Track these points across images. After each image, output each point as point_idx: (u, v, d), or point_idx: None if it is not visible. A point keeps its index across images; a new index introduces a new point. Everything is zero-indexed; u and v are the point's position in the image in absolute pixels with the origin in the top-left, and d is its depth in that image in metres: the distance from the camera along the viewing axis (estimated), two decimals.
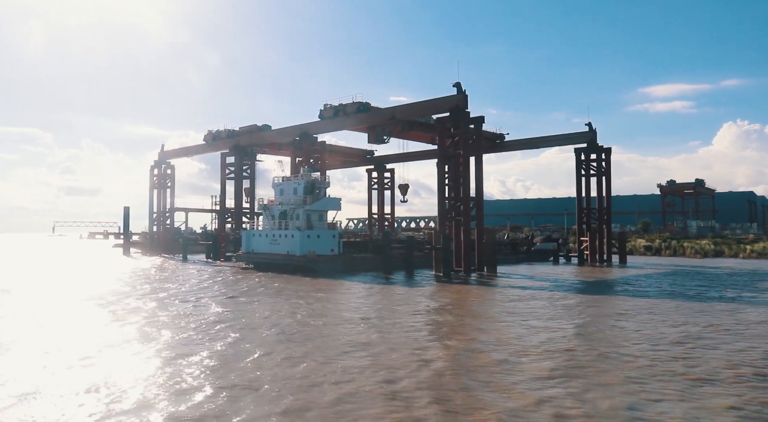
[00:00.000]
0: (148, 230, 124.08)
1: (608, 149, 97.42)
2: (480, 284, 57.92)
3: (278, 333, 29.38)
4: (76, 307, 39.63)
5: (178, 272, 71.51)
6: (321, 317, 35.40)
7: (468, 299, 45.75)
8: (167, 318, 34.31)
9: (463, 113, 72.48)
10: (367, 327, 31.33)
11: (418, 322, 33.22)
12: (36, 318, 34.57)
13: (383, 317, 35.19)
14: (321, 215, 76.88)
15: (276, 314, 36.22)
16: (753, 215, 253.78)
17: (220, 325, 31.71)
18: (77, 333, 29.91)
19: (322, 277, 63.84)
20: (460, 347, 26.29)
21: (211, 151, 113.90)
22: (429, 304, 42.12)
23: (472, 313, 38.06)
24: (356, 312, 37.20)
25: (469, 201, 71.99)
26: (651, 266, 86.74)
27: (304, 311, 37.77)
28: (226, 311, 37.12)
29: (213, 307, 39.28)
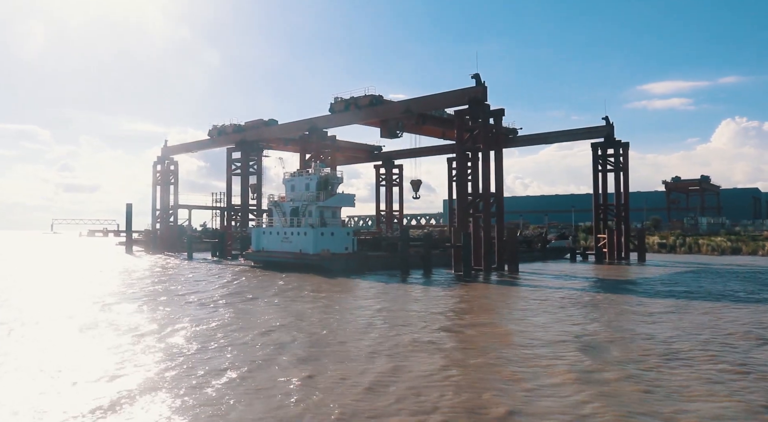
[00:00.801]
0: (151, 227, 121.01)
1: (626, 144, 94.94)
2: (508, 285, 55.14)
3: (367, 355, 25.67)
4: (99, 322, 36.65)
5: (194, 273, 68.63)
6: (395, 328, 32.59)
7: (511, 305, 42.86)
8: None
9: (482, 105, 69.75)
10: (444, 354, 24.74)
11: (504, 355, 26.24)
12: (42, 332, 31.75)
13: (451, 333, 31.65)
14: (334, 211, 74.07)
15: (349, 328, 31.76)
16: (758, 211, 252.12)
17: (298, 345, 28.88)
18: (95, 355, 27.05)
19: (337, 276, 61.07)
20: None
21: (216, 146, 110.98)
22: (478, 316, 39.05)
23: (525, 328, 35.22)
24: (420, 330, 29.73)
25: (489, 197, 69.21)
26: (673, 264, 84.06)
27: (381, 319, 34.68)
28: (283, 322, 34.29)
29: (271, 320, 36.35)
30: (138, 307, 37.56)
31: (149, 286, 51.59)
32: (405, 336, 27.80)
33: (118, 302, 40.34)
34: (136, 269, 72.72)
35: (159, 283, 54.54)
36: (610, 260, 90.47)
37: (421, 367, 21.50)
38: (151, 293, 45.50)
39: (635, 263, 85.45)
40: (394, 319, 32.92)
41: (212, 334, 28.09)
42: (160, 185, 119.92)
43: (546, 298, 43.40)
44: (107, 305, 38.45)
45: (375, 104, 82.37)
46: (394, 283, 55.75)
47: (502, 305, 40.63)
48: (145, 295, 44.32)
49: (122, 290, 47.79)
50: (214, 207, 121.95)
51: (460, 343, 26.66)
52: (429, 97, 76.87)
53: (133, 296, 43.43)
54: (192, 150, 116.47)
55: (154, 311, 35.99)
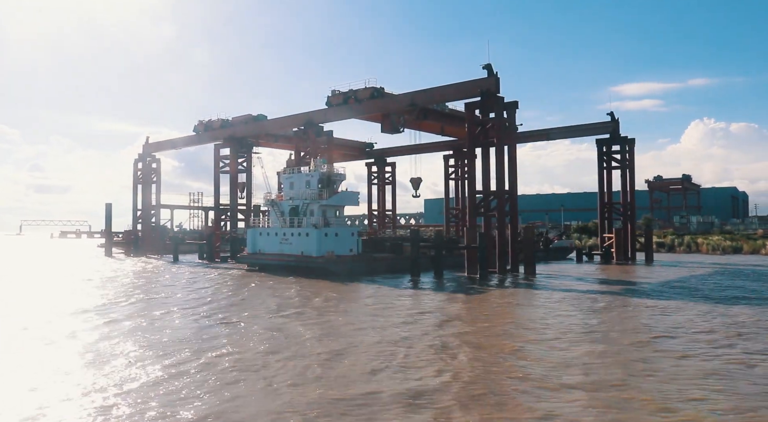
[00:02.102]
0: (132, 228, 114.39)
1: (632, 140, 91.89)
2: (534, 289, 51.06)
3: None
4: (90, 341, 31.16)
5: (191, 278, 63.16)
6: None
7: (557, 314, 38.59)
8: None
9: (495, 97, 65.70)
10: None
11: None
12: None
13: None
14: (338, 210, 69.28)
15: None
16: (736, 210, 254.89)
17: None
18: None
19: (344, 281, 56.38)
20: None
21: (202, 143, 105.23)
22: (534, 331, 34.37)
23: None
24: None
25: (504, 195, 65.17)
26: (686, 264, 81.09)
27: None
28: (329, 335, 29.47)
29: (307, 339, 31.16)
30: (113, 327, 31.09)
31: (135, 294, 46.23)
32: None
33: (96, 315, 35.10)
34: (119, 274, 66.97)
35: (148, 290, 49.16)
36: (617, 260, 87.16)
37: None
38: (139, 306, 40.18)
39: (645, 264, 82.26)
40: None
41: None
42: (142, 183, 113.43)
43: (603, 311, 39.24)
44: (85, 319, 33.23)
45: (376, 97, 77.81)
46: (413, 289, 51.30)
47: (575, 321, 36.07)
48: (131, 310, 38.80)
49: (105, 301, 42.38)
50: (200, 207, 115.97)
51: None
52: (436, 89, 72.51)
53: (116, 310, 38.09)
54: (176, 147, 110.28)
55: (132, 334, 29.56)
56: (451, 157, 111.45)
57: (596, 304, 39.94)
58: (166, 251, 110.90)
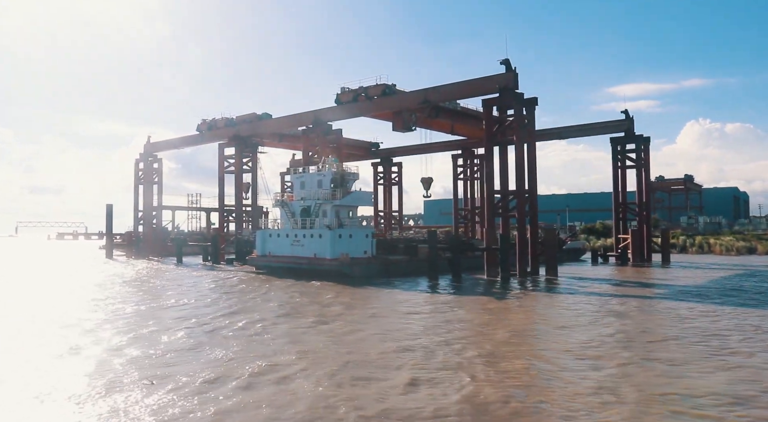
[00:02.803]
0: (133, 229, 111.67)
1: (647, 139, 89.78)
2: (565, 293, 48.74)
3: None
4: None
5: (203, 283, 60.66)
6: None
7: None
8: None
9: (514, 93, 63.43)
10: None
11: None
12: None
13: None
14: (351, 211, 66.87)
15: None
16: (737, 210, 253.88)
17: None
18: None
19: (360, 284, 54.03)
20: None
21: (205, 142, 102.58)
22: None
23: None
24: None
25: (524, 195, 62.90)
26: (704, 266, 78.99)
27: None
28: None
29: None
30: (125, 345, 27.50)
31: (154, 302, 43.77)
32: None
33: (119, 328, 32.60)
34: (125, 278, 64.44)
35: (165, 297, 46.69)
36: (633, 261, 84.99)
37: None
38: (151, 319, 37.65)
39: (662, 266, 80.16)
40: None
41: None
42: (143, 184, 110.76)
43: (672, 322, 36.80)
44: (112, 333, 30.75)
45: (388, 94, 75.48)
46: (435, 293, 48.98)
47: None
48: (158, 324, 36.27)
49: (123, 311, 39.89)
50: (204, 208, 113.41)
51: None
52: (450, 86, 70.19)
53: (139, 323, 35.60)
54: (179, 146, 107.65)
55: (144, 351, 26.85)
56: (460, 156, 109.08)
57: (646, 315, 37.56)
58: (168, 253, 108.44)
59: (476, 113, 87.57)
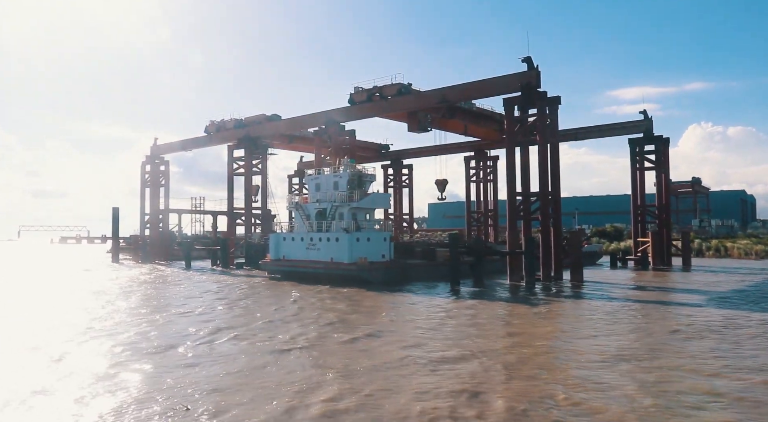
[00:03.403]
0: (139, 233, 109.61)
1: (666, 140, 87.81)
2: (598, 300, 46.58)
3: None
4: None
5: (218, 289, 58.56)
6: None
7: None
8: None
9: (536, 92, 61.45)
10: None
11: None
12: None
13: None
14: (369, 213, 64.80)
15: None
16: (745, 213, 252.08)
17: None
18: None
19: (379, 290, 51.94)
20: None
21: (214, 144, 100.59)
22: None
23: None
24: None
25: (548, 196, 60.83)
26: (727, 270, 76.85)
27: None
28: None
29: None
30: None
31: (171, 309, 41.70)
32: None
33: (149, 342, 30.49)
34: (137, 282, 62.35)
35: (187, 304, 44.62)
36: (654, 265, 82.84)
37: None
38: (170, 334, 35.47)
39: (684, 270, 78.08)
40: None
41: None
42: (150, 187, 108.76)
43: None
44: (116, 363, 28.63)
45: (404, 94, 73.50)
46: (460, 299, 46.86)
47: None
48: (179, 337, 34.08)
49: (144, 321, 37.80)
50: (214, 212, 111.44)
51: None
52: (470, 84, 68.11)
53: (165, 337, 33.36)
54: (186, 149, 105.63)
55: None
56: (473, 158, 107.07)
57: (705, 325, 35.41)
58: (174, 257, 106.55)
59: (492, 114, 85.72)
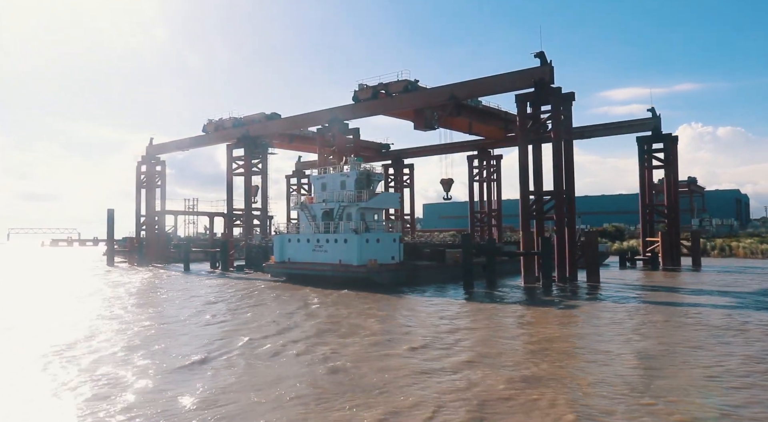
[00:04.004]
0: (135, 235, 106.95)
1: (675, 138, 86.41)
2: (621, 302, 44.73)
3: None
4: None
5: (227, 293, 56.28)
6: None
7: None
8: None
9: (550, 88, 59.63)
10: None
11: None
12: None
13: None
14: (377, 214, 62.72)
15: None
16: (740, 213, 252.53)
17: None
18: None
19: (390, 292, 49.95)
20: None
21: (212, 143, 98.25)
22: None
23: None
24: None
25: (562, 195, 59.00)
26: (741, 270, 75.39)
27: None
28: None
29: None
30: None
31: (184, 314, 39.45)
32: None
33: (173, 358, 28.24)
34: (141, 287, 59.98)
35: (204, 312, 42.34)
36: (664, 265, 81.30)
37: None
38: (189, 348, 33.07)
39: (694, 270, 76.60)
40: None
41: None
42: (146, 187, 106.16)
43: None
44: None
45: (411, 90, 71.54)
46: (477, 302, 44.90)
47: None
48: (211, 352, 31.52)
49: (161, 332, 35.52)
50: (214, 213, 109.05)
51: None
52: (480, 80, 66.16)
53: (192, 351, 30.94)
54: (183, 148, 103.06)
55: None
56: (476, 157, 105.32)
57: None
58: (171, 260, 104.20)
59: (498, 111, 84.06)
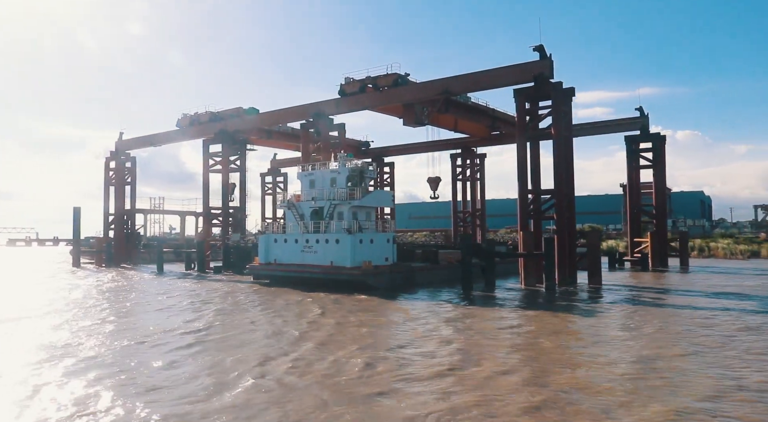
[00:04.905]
0: (103, 234, 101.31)
1: (663, 137, 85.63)
2: (655, 307, 42.61)
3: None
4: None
5: (213, 298, 52.26)
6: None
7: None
8: None
9: (550, 82, 57.41)
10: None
11: None
12: None
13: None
14: (369, 213, 59.54)
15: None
16: (704, 214, 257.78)
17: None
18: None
19: (385, 296, 46.95)
20: None
21: (187, 138, 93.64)
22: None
23: None
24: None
25: (563, 194, 56.82)
26: (730, 271, 74.68)
27: None
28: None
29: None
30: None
31: (183, 327, 35.61)
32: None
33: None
34: (110, 294, 55.51)
35: (201, 319, 38.46)
36: (653, 266, 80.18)
37: None
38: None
39: (683, 271, 75.67)
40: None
41: None
42: (114, 185, 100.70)
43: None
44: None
45: (400, 84, 68.64)
46: (482, 307, 42.21)
47: None
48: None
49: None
50: (189, 212, 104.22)
51: None
52: (476, 74, 63.60)
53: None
54: (155, 143, 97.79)
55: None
56: (459, 156, 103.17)
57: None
58: (141, 261, 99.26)
59: (486, 109, 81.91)
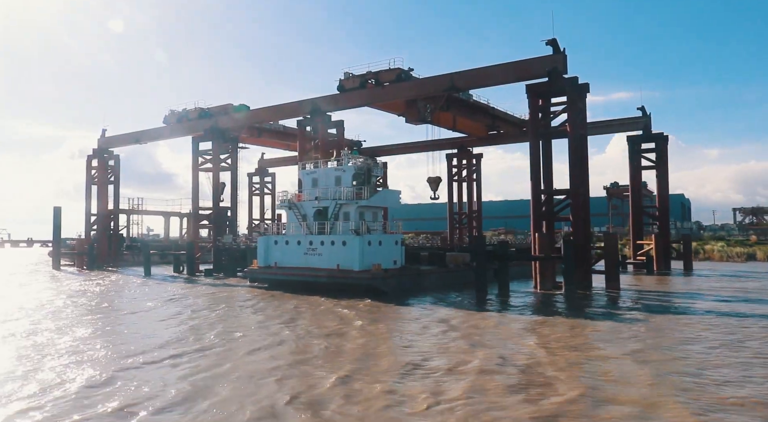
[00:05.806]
0: (85, 236, 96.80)
1: (665, 137, 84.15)
2: (691, 314, 40.34)
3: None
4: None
5: (216, 306, 48.70)
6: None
7: None
8: None
9: (563, 78, 55.11)
10: None
11: None
12: None
13: None
14: (376, 213, 56.53)
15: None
16: (685, 216, 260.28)
17: None
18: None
19: (395, 301, 44.12)
20: None
21: (174, 136, 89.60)
22: None
23: None
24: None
25: (579, 194, 54.51)
26: (734, 274, 73.34)
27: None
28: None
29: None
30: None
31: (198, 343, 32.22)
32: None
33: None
34: (103, 301, 51.68)
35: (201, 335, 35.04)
36: (658, 269, 78.45)
37: None
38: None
39: (686, 274, 74.26)
40: None
41: None
42: (97, 184, 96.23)
43: None
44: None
45: (404, 80, 65.89)
46: (501, 312, 39.56)
47: None
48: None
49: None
50: (178, 213, 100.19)
51: None
52: (484, 69, 61.03)
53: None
54: (141, 141, 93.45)
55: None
56: (455, 156, 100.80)
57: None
58: (125, 263, 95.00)
59: (486, 107, 79.68)
